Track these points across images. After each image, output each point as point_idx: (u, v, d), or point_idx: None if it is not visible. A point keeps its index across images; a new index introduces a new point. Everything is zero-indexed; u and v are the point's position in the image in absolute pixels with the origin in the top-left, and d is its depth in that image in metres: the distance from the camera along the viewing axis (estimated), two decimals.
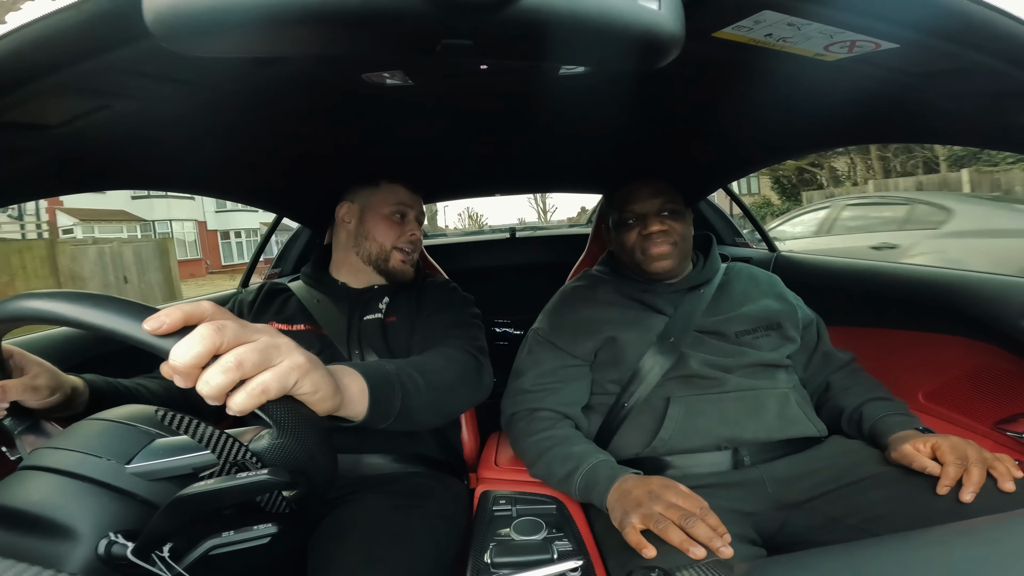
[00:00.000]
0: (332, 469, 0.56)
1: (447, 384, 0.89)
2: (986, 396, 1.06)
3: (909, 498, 0.82)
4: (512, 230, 2.56)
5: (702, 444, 1.00)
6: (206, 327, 0.45)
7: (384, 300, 1.16)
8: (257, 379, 0.47)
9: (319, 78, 0.74)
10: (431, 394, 0.82)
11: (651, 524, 0.77)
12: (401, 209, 1.20)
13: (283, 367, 0.49)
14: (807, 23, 0.54)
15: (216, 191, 1.43)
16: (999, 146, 0.84)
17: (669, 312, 1.12)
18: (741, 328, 1.10)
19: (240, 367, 0.46)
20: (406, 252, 1.19)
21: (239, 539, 0.57)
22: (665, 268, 1.13)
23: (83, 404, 0.80)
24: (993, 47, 0.55)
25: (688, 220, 1.18)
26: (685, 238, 1.16)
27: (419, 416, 0.79)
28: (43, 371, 0.74)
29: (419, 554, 0.83)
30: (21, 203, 1.53)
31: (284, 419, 0.50)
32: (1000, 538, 0.42)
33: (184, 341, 0.44)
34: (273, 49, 0.44)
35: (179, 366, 0.44)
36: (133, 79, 0.61)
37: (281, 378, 0.49)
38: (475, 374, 0.99)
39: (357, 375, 0.67)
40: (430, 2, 0.35)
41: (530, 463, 1.05)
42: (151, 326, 0.44)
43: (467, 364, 0.99)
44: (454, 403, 0.92)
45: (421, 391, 0.80)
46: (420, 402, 0.79)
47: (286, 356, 0.50)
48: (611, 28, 0.38)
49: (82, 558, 0.49)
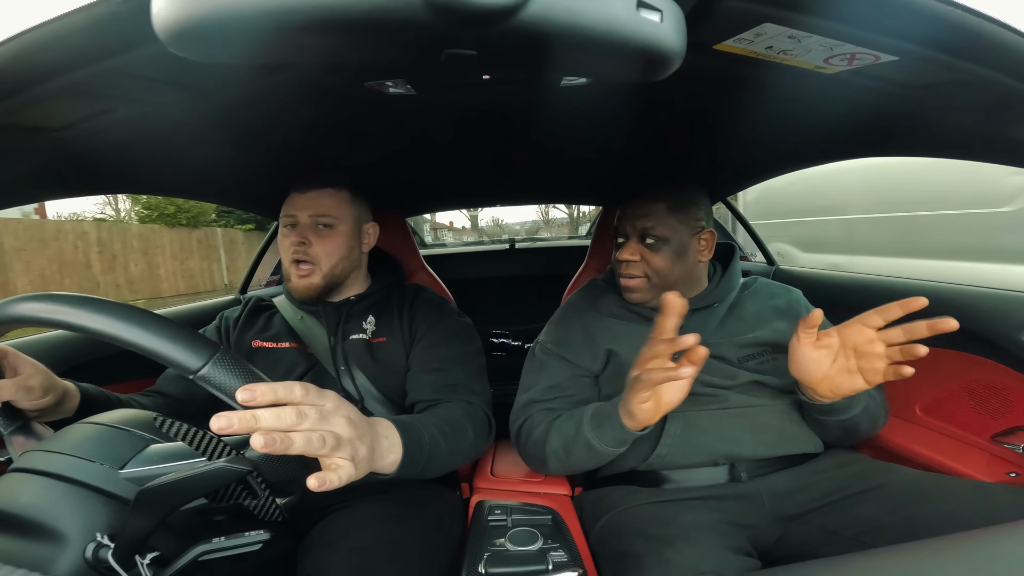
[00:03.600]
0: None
1: (464, 447, 0.92)
2: (984, 409, 1.06)
3: (905, 510, 0.82)
4: (511, 241, 2.56)
5: (700, 460, 0.99)
6: (292, 413, 0.51)
7: (369, 319, 1.11)
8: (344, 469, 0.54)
9: (322, 86, 0.75)
10: (449, 457, 0.86)
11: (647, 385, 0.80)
12: (290, 220, 1.08)
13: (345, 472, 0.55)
14: (807, 36, 0.55)
15: (217, 197, 1.44)
16: (998, 159, 0.84)
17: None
18: (745, 353, 1.06)
19: (320, 446, 0.52)
20: (298, 264, 1.07)
21: (229, 545, 0.57)
22: (635, 300, 1.11)
23: (73, 409, 0.81)
24: (992, 59, 0.56)
25: (676, 251, 1.07)
26: (661, 272, 1.07)
27: (429, 474, 0.81)
28: (37, 372, 0.74)
29: (412, 564, 0.82)
30: (22, 205, 1.54)
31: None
32: (996, 550, 0.42)
33: (272, 413, 0.49)
34: (278, 56, 0.44)
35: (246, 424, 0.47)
36: (137, 83, 0.62)
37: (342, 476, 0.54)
38: (486, 436, 1.01)
39: (398, 446, 0.71)
40: (435, 12, 0.35)
41: (540, 455, 1.01)
42: (243, 396, 0.49)
43: (483, 428, 0.99)
44: (460, 462, 0.93)
45: (442, 454, 0.83)
46: (438, 463, 0.82)
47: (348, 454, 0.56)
48: (613, 40, 0.39)
49: (69, 562, 0.49)
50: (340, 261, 1.08)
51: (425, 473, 0.79)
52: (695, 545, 0.80)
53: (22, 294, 0.57)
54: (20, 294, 0.57)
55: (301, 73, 0.70)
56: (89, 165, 0.87)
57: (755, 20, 0.53)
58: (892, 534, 0.81)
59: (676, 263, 1.08)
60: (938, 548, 0.43)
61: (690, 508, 0.91)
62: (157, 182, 1.15)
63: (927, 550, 0.43)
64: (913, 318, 1.12)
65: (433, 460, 0.80)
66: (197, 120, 0.79)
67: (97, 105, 0.66)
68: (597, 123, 0.99)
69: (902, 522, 0.81)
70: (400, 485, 1.01)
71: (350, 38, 0.38)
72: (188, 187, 1.28)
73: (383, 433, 0.68)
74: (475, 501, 1.06)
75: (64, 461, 0.55)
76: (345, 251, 1.09)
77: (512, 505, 1.02)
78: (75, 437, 0.59)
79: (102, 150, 0.82)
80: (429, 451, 0.78)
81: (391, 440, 0.70)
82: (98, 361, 1.17)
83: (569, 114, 0.92)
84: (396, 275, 1.23)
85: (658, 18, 0.39)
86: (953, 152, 0.90)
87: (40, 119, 0.66)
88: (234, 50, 0.39)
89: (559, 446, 0.97)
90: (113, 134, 0.77)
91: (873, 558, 0.43)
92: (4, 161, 0.74)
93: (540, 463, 1.03)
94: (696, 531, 0.84)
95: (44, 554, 0.49)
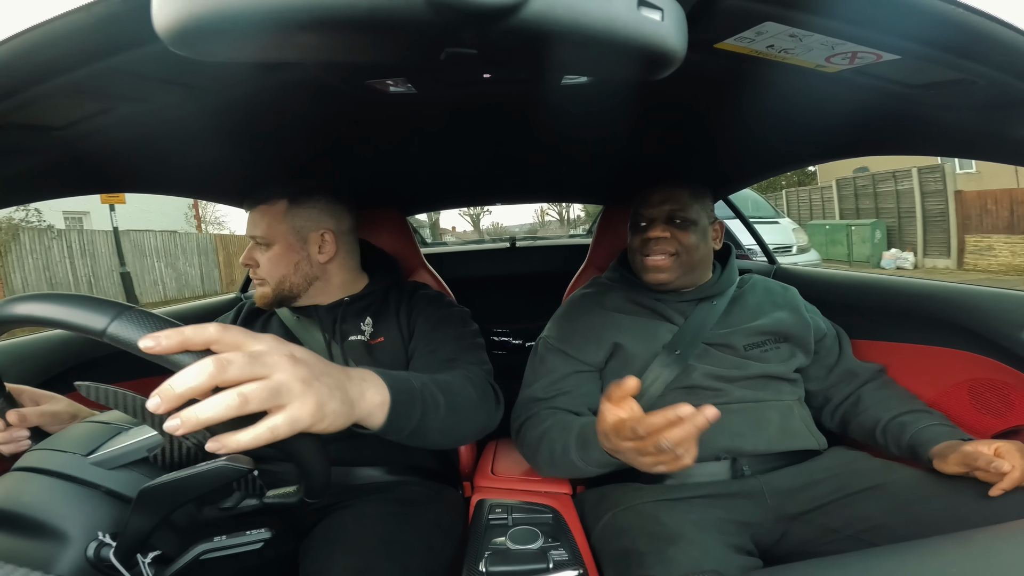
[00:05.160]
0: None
1: (466, 408, 0.85)
2: (985, 408, 1.06)
3: (907, 509, 0.82)
4: (512, 239, 2.56)
5: (702, 454, 0.99)
6: (210, 364, 0.43)
7: (367, 320, 1.10)
8: (266, 423, 0.46)
9: (322, 84, 0.74)
10: (449, 417, 0.78)
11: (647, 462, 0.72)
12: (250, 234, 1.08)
13: (295, 411, 0.47)
14: (809, 34, 0.55)
15: (219, 195, 1.44)
16: (999, 158, 0.84)
17: (679, 322, 1.11)
18: (750, 341, 1.09)
19: (244, 406, 0.44)
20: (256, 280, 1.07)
21: (231, 544, 0.57)
22: (659, 281, 1.12)
23: None
24: (994, 58, 0.55)
25: (701, 232, 1.14)
26: (690, 249, 1.12)
27: (432, 436, 0.76)
28: (58, 400, 0.77)
29: (413, 562, 0.82)
30: (24, 204, 1.53)
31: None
32: (998, 548, 0.42)
33: (184, 373, 0.43)
34: (279, 54, 0.44)
35: (168, 395, 0.42)
36: (139, 82, 0.62)
37: (293, 423, 0.47)
38: (493, 403, 0.94)
39: (382, 386, 0.64)
40: (435, 11, 0.35)
41: (534, 459, 1.03)
42: (146, 344, 0.43)
43: (487, 392, 0.94)
44: (467, 428, 0.87)
45: (440, 411, 0.76)
46: (437, 422, 0.75)
47: (298, 399, 0.48)
48: (614, 39, 0.39)
49: (71, 561, 0.49)
50: (285, 277, 1.05)
51: (426, 434, 0.73)
52: (697, 544, 0.80)
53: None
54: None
55: (301, 72, 0.70)
56: (90, 164, 0.87)
57: (756, 19, 0.53)
58: (893, 533, 0.82)
59: (701, 243, 1.14)
60: (939, 547, 0.43)
61: (693, 506, 0.92)
62: (158, 181, 1.15)
63: (928, 549, 0.43)
64: (923, 317, 1.12)
65: (430, 415, 0.73)
66: (198, 119, 0.79)
67: (97, 104, 0.67)
68: (598, 122, 0.99)
69: (903, 521, 0.81)
70: (402, 485, 1.01)
71: (351, 37, 0.38)
72: (189, 186, 1.28)
73: (359, 376, 0.61)
74: (476, 500, 1.06)
75: (38, 455, 0.57)
76: (288, 267, 1.05)
77: (513, 504, 1.02)
78: (60, 434, 0.61)
79: (103, 149, 0.82)
80: (424, 401, 0.72)
81: (371, 382, 0.63)
82: (98, 361, 1.17)
83: (570, 113, 0.92)
84: (393, 275, 1.21)
85: (659, 17, 0.39)
86: (954, 151, 0.90)
87: (41, 118, 0.66)
88: (234, 49, 0.39)
89: (547, 457, 0.98)
90: (114, 133, 0.77)
91: (874, 557, 0.43)
92: (4, 160, 0.74)
93: (535, 467, 1.05)
94: (699, 529, 0.84)
95: (46, 553, 0.49)
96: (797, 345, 1.12)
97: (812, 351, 1.14)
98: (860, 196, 12.35)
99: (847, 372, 1.14)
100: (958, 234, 10.31)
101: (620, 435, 0.72)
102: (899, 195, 11.25)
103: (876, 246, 11.08)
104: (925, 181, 10.75)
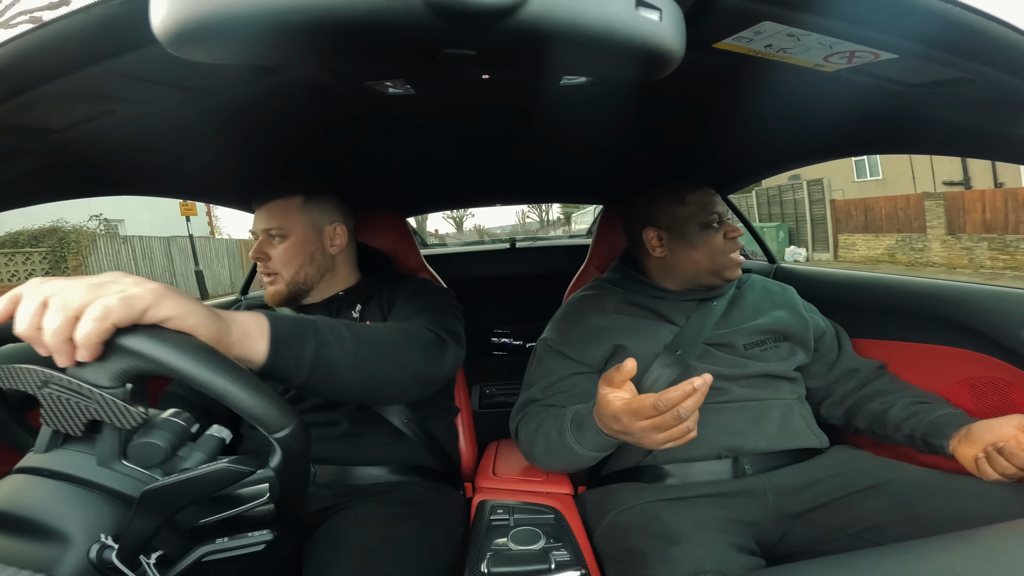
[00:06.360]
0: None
1: (386, 344, 0.79)
2: (986, 407, 1.06)
3: (910, 508, 0.82)
4: (512, 240, 2.55)
5: (703, 453, 0.99)
6: (26, 287, 0.47)
7: (356, 308, 1.12)
8: (96, 303, 0.46)
9: (321, 86, 0.74)
10: (362, 352, 0.73)
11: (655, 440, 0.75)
12: (253, 233, 1.12)
13: (124, 293, 0.47)
14: (807, 34, 0.55)
15: (217, 197, 1.44)
16: (997, 156, 0.84)
17: (680, 322, 1.11)
18: (750, 340, 1.09)
19: (66, 306, 0.46)
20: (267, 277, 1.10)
21: (233, 546, 0.57)
22: (737, 276, 1.14)
23: None
24: (991, 57, 0.56)
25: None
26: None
27: (346, 374, 0.71)
28: None
29: (415, 563, 0.82)
30: (23, 207, 1.52)
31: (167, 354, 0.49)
32: (1000, 548, 0.42)
33: (16, 313, 0.47)
34: (278, 56, 0.44)
35: (22, 334, 0.46)
36: (137, 84, 0.62)
37: (125, 301, 0.47)
38: (434, 348, 0.89)
39: (259, 315, 0.62)
40: (434, 12, 0.35)
41: (532, 454, 1.03)
42: None
43: (423, 335, 0.88)
44: (393, 367, 0.80)
45: (345, 344, 0.71)
46: (345, 357, 0.70)
47: (128, 286, 0.49)
48: (613, 39, 0.39)
49: (73, 563, 0.49)
50: (301, 268, 1.08)
51: (335, 371, 0.69)
52: (700, 543, 0.80)
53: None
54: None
55: (300, 74, 0.70)
56: (89, 166, 0.87)
57: (754, 18, 0.53)
58: (895, 532, 0.81)
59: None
60: (941, 546, 0.43)
61: (695, 506, 0.92)
62: (157, 183, 1.15)
63: (930, 548, 0.43)
64: (924, 315, 1.12)
65: (332, 347, 0.69)
66: (197, 121, 0.79)
67: (96, 106, 0.67)
68: (597, 122, 0.99)
69: (905, 520, 0.81)
70: (403, 486, 1.01)
71: (349, 38, 0.38)
72: (188, 188, 1.28)
73: (231, 315, 0.59)
74: (477, 500, 1.06)
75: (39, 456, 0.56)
76: (304, 258, 1.08)
77: (514, 504, 1.02)
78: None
79: (102, 151, 0.82)
80: (318, 331, 0.68)
81: (247, 315, 0.61)
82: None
83: (569, 113, 0.92)
84: (384, 268, 1.24)
85: (657, 17, 0.39)
86: (952, 150, 0.90)
87: (40, 120, 0.66)
88: (233, 51, 0.39)
89: (544, 448, 0.98)
90: (113, 135, 0.77)
91: (877, 556, 0.43)
92: (4, 162, 0.74)
93: (535, 462, 1.05)
94: (701, 529, 0.84)
95: (49, 555, 0.49)
96: (797, 343, 1.12)
97: (812, 349, 1.14)
98: (772, 203, 15.49)
99: (848, 368, 1.15)
100: (833, 234, 13.73)
101: (638, 415, 0.73)
102: (795, 203, 14.56)
103: (780, 244, 13.88)
104: (812, 191, 14.05)
